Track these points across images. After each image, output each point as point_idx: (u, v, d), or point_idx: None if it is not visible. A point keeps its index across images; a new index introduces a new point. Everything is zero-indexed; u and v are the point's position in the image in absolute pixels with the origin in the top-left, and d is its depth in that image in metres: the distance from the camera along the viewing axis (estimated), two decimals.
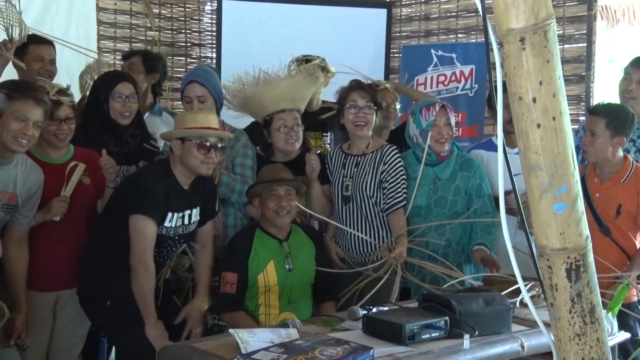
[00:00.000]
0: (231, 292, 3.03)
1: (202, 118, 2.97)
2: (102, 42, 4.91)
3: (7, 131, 2.64)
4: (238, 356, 2.06)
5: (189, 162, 2.92)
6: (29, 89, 2.70)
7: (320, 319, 2.64)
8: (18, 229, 2.86)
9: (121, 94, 3.21)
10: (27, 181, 2.81)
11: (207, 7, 5.51)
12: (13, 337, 2.84)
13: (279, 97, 3.38)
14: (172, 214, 2.93)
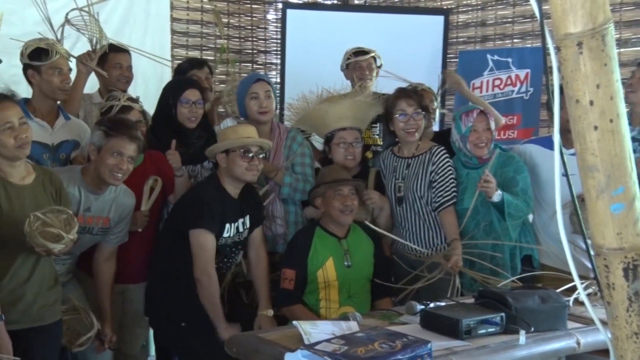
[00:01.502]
0: (289, 288, 3.13)
1: (243, 130, 3.13)
2: (175, 50, 5.10)
3: (105, 166, 2.82)
4: (302, 346, 2.13)
5: (235, 172, 3.07)
6: (124, 127, 2.87)
7: (380, 313, 2.72)
8: (108, 247, 3.06)
9: (188, 100, 3.33)
10: (120, 206, 3.00)
11: (272, 16, 5.67)
12: (106, 342, 3.04)
13: (341, 115, 3.48)
14: (229, 224, 3.08)
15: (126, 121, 2.96)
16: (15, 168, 2.56)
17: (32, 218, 2.40)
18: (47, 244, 2.40)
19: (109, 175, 2.85)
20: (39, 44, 3.13)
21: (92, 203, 2.91)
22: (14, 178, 2.55)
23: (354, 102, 3.55)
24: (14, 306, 2.52)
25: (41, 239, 2.39)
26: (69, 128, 3.23)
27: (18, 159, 2.55)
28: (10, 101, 2.56)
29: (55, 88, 3.13)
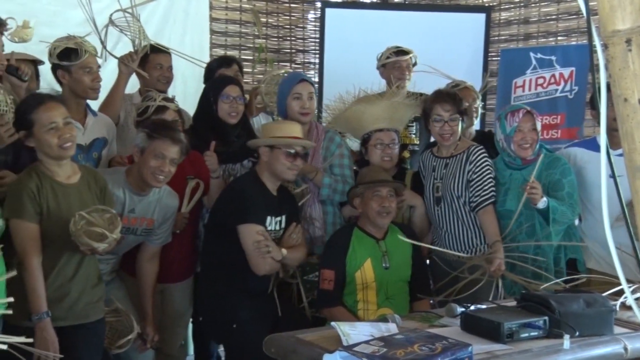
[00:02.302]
0: (329, 289, 3.13)
1: (288, 127, 3.14)
2: (213, 50, 5.15)
3: (147, 168, 2.86)
4: (340, 348, 2.11)
5: (276, 168, 3.08)
6: (167, 129, 2.91)
7: (419, 315, 2.69)
8: (151, 247, 3.10)
9: (229, 96, 3.35)
10: (163, 207, 3.04)
11: (311, 16, 5.67)
12: (149, 341, 3.08)
13: (378, 116, 3.46)
14: (270, 217, 3.09)
15: (169, 124, 3.00)
16: (62, 167, 2.61)
17: (77, 217, 2.44)
18: (92, 243, 2.44)
19: (151, 178, 2.88)
20: (67, 44, 3.14)
21: (136, 204, 2.95)
22: (60, 177, 2.60)
23: (390, 103, 3.53)
24: (59, 303, 2.57)
25: (86, 238, 2.43)
26: (98, 125, 3.26)
27: (62, 159, 2.60)
28: (55, 101, 2.61)
29: (86, 87, 3.15)
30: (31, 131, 2.55)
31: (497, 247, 3.14)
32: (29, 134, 2.56)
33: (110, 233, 2.46)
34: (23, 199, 2.49)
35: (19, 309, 2.46)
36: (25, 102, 2.63)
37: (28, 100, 2.65)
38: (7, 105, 2.58)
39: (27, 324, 2.49)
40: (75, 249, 2.56)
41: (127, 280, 3.15)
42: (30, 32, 3.14)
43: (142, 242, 3.08)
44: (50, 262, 2.56)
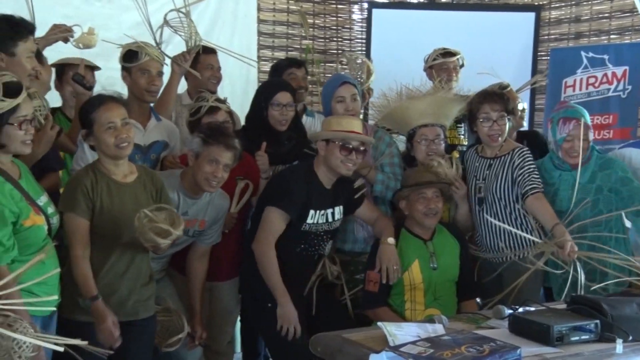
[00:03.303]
0: (374, 291, 3.12)
1: (347, 122, 3.11)
2: (261, 51, 5.20)
3: (201, 173, 2.91)
4: (386, 348, 2.12)
5: (331, 162, 3.07)
6: (222, 135, 2.94)
7: (466, 316, 2.68)
8: (202, 246, 3.15)
9: (280, 103, 3.36)
10: (215, 208, 3.08)
11: (358, 16, 5.68)
12: (197, 338, 3.13)
13: (422, 112, 3.43)
14: (314, 211, 3.09)
15: (224, 129, 3.02)
16: (119, 167, 2.68)
17: (142, 215, 2.50)
18: (157, 239, 2.50)
19: (204, 183, 2.93)
20: (131, 47, 3.23)
21: (189, 207, 3.00)
22: (116, 176, 2.67)
23: (435, 99, 3.49)
24: (109, 299, 2.62)
25: (152, 234, 2.49)
26: (159, 129, 3.32)
27: (119, 158, 2.66)
28: (114, 102, 2.67)
29: (141, 89, 3.22)
30: (91, 130, 2.63)
31: (560, 229, 3.02)
32: (89, 132, 2.64)
33: (174, 230, 2.52)
34: (77, 194, 2.56)
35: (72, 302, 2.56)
36: (89, 102, 2.71)
37: (91, 100, 2.72)
38: (45, 110, 2.68)
39: (80, 317, 2.57)
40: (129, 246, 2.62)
41: (177, 278, 3.20)
42: (95, 39, 3.24)
43: (192, 241, 3.12)
44: (101, 258, 2.62)
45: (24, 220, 2.33)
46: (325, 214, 3.13)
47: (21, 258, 2.33)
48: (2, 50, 2.67)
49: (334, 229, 3.21)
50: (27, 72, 2.66)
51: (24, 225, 2.34)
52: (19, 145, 2.37)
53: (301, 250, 3.14)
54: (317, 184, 3.11)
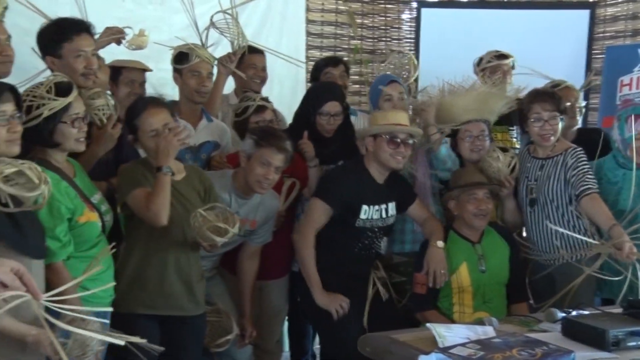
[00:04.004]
0: (422, 293, 3.11)
1: (392, 116, 3.12)
2: (309, 51, 5.21)
3: (253, 175, 2.94)
4: (435, 349, 2.11)
5: (380, 157, 3.08)
6: (274, 137, 2.96)
7: (517, 319, 2.64)
8: (252, 246, 3.18)
9: (328, 112, 3.35)
10: (265, 208, 3.11)
11: (407, 16, 5.65)
12: (247, 336, 3.17)
13: (466, 108, 3.39)
14: (367, 207, 3.09)
15: (276, 132, 3.04)
16: None
17: (197, 214, 2.54)
18: (214, 238, 2.54)
19: (256, 185, 2.96)
20: (182, 48, 3.28)
21: (240, 207, 3.03)
22: None
23: (479, 94, 3.44)
24: (160, 293, 2.68)
25: (209, 232, 2.53)
26: (210, 129, 3.37)
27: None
28: (156, 106, 2.70)
29: (192, 90, 3.26)
30: (137, 135, 2.68)
31: (618, 231, 2.92)
32: (136, 138, 2.69)
33: (231, 228, 2.57)
34: (135, 175, 2.62)
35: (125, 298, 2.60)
36: (132, 107, 2.75)
37: (134, 105, 2.77)
38: (110, 109, 2.71)
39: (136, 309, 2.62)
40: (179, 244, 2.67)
41: (227, 277, 3.24)
42: (146, 40, 3.30)
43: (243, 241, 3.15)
44: (149, 255, 2.67)
45: (78, 217, 2.39)
46: (380, 209, 3.14)
47: (76, 254, 2.39)
48: (51, 54, 2.73)
49: (389, 225, 3.21)
50: (78, 71, 2.70)
51: (79, 222, 2.39)
52: (72, 143, 2.42)
53: (359, 250, 3.16)
54: (369, 179, 3.12)
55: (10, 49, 2.63)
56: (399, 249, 3.41)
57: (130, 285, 2.63)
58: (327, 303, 3.05)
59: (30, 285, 1.41)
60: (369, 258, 3.22)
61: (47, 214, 2.26)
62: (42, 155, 2.36)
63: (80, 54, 2.72)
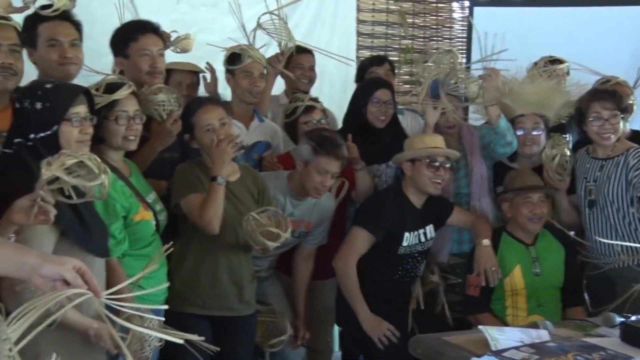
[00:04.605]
0: (475, 295, 3.08)
1: (430, 139, 3.11)
2: (360, 51, 5.21)
3: (310, 182, 2.94)
4: (488, 352, 2.10)
5: (419, 182, 3.07)
6: (333, 145, 2.94)
7: (573, 323, 2.59)
8: (308, 247, 3.20)
9: (379, 99, 3.36)
10: (321, 210, 3.12)
11: (459, 15, 5.61)
12: (299, 338, 3.19)
13: (521, 101, 3.33)
14: (408, 233, 3.08)
15: (334, 139, 3.01)
16: None
17: (250, 218, 2.56)
18: (266, 242, 2.56)
19: (313, 191, 2.97)
20: (234, 49, 3.31)
21: (295, 208, 3.05)
22: None
23: (534, 87, 3.37)
24: (211, 292, 2.72)
25: (261, 237, 2.55)
26: (262, 130, 3.39)
27: None
28: (212, 103, 2.75)
29: (244, 91, 3.29)
30: (193, 133, 2.71)
31: None
32: (192, 136, 2.72)
33: (283, 232, 2.58)
34: (189, 178, 2.65)
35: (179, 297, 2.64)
36: (188, 106, 2.79)
37: (190, 104, 2.81)
38: (171, 105, 2.75)
39: (186, 311, 2.65)
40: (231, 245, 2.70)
41: (282, 278, 3.26)
42: (191, 43, 3.36)
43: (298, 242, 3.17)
44: (201, 255, 2.70)
45: (133, 215, 2.44)
46: (418, 234, 3.13)
47: (131, 252, 2.44)
48: (120, 54, 2.84)
49: (427, 249, 3.19)
50: (143, 70, 2.78)
51: (134, 220, 2.44)
52: (120, 140, 2.45)
53: (399, 277, 3.15)
54: (409, 206, 3.11)
55: (78, 52, 2.69)
56: (456, 250, 3.36)
57: (183, 285, 2.67)
58: (372, 330, 3.03)
59: (91, 283, 1.44)
60: (408, 283, 3.20)
61: (103, 211, 2.30)
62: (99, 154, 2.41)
63: (146, 53, 2.81)
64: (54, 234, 1.99)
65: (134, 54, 2.81)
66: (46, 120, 2.06)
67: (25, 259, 1.48)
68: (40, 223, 1.82)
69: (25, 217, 1.79)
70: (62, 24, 2.64)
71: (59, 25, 2.63)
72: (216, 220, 2.57)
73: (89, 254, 2.05)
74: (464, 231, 3.33)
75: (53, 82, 2.22)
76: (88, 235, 2.08)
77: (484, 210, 3.30)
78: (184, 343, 1.62)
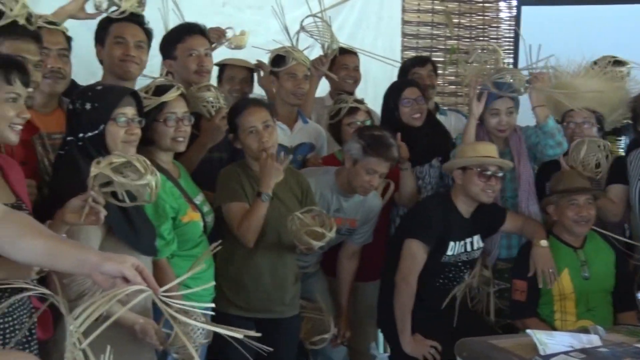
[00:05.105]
0: (521, 300, 3.03)
1: (482, 148, 3.06)
2: (405, 52, 5.19)
3: (358, 181, 2.95)
4: (536, 357, 2.07)
5: (470, 191, 3.01)
6: (383, 147, 2.94)
7: (625, 328, 2.53)
8: (353, 245, 3.20)
9: (409, 99, 3.33)
10: (367, 208, 3.12)
11: (506, 14, 5.54)
12: (340, 337, 3.19)
13: (574, 96, 3.26)
14: (453, 243, 3.04)
15: (385, 140, 2.99)
16: None
17: (295, 218, 2.58)
18: (311, 242, 2.57)
19: (360, 190, 2.97)
20: (279, 51, 3.33)
21: (342, 205, 3.05)
22: None
23: (590, 82, 3.30)
24: (255, 294, 2.73)
25: (306, 237, 2.56)
26: (306, 131, 3.40)
27: None
28: (256, 105, 2.77)
29: (288, 92, 3.30)
30: (237, 134, 2.74)
31: None
32: (236, 136, 2.75)
33: (328, 232, 2.59)
34: (232, 184, 2.68)
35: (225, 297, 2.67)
36: (234, 106, 2.82)
37: (235, 105, 2.85)
38: (219, 102, 2.79)
39: (232, 312, 2.68)
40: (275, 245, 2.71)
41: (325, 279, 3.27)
42: (245, 39, 3.40)
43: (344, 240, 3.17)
44: (245, 256, 2.72)
45: (182, 216, 2.47)
46: (465, 243, 3.08)
47: (180, 253, 2.47)
48: (168, 56, 2.91)
49: (473, 259, 3.15)
50: (190, 70, 2.85)
51: (182, 221, 2.47)
52: (169, 141, 2.48)
53: (440, 285, 3.11)
54: (457, 214, 3.06)
55: (142, 53, 2.77)
56: (505, 255, 3.29)
57: (227, 287, 2.69)
58: (416, 351, 3.00)
59: (149, 281, 1.48)
60: (449, 292, 3.14)
61: (152, 212, 2.34)
62: (148, 156, 2.43)
63: (192, 53, 2.88)
64: (101, 231, 2.05)
65: (181, 54, 2.89)
66: (94, 120, 2.12)
67: (86, 257, 1.53)
68: (91, 223, 1.87)
69: (76, 216, 1.84)
70: (131, 25, 2.74)
71: (127, 25, 2.74)
72: (252, 235, 2.61)
73: (135, 252, 2.09)
74: (513, 235, 3.27)
75: (103, 85, 2.29)
76: (135, 234, 2.13)
77: (532, 217, 3.23)
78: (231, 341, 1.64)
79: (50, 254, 1.57)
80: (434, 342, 2.99)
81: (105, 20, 2.77)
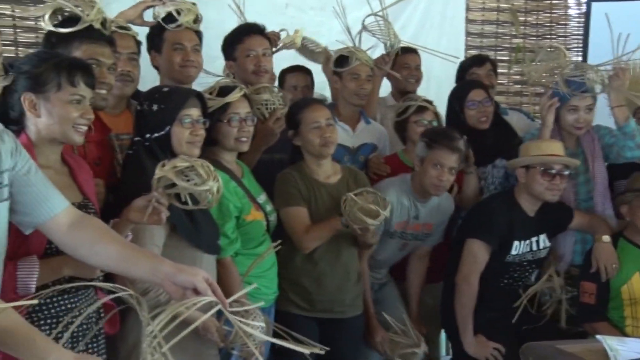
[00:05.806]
0: (590, 302, 2.96)
1: (546, 146, 2.99)
2: (468, 52, 5.12)
3: (427, 177, 2.93)
4: None
5: (534, 189, 2.95)
6: (445, 138, 2.93)
7: None
8: (425, 247, 3.19)
9: (474, 101, 3.28)
10: (441, 210, 3.11)
11: (575, 11, 5.41)
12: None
13: None
14: (518, 242, 2.99)
15: (448, 132, 2.99)
16: (321, 167, 2.79)
17: (349, 197, 2.60)
18: (366, 219, 2.57)
19: (431, 187, 2.94)
20: (342, 52, 3.33)
21: (419, 210, 3.05)
22: (318, 176, 2.78)
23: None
24: (317, 295, 2.75)
25: (360, 214, 2.56)
26: (369, 131, 3.39)
27: (323, 157, 2.77)
28: (319, 104, 2.82)
29: (351, 93, 3.30)
30: (298, 130, 2.76)
31: None
32: (296, 133, 2.77)
33: (383, 210, 2.59)
34: (289, 189, 2.71)
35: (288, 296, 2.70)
36: (295, 104, 2.86)
37: (298, 102, 2.89)
38: (274, 104, 2.80)
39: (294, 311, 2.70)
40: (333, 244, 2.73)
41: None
42: (298, 38, 3.42)
43: None
44: (306, 259, 2.74)
45: (245, 216, 2.50)
46: (530, 242, 3.03)
47: (244, 251, 2.51)
48: (229, 57, 2.97)
49: (539, 258, 3.08)
50: (248, 70, 2.90)
51: (246, 220, 2.50)
52: (232, 142, 2.52)
53: (505, 285, 3.07)
54: (520, 213, 3.01)
55: (199, 56, 2.85)
56: (579, 261, 3.18)
57: (289, 286, 2.72)
58: (478, 353, 2.97)
59: (218, 294, 1.58)
60: (514, 291, 3.09)
61: (217, 211, 2.38)
62: (213, 156, 2.50)
63: (250, 54, 2.93)
64: (165, 228, 2.10)
65: (240, 55, 2.94)
66: (160, 121, 2.18)
67: (160, 267, 1.63)
68: (153, 223, 1.93)
69: (140, 215, 1.90)
70: (186, 31, 2.83)
71: (183, 32, 2.82)
72: (314, 246, 2.69)
73: (198, 250, 2.12)
74: (589, 241, 3.15)
75: (169, 87, 2.34)
76: (197, 232, 2.17)
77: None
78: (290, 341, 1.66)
79: (125, 260, 1.67)
80: (497, 344, 2.95)
81: (157, 27, 2.85)
